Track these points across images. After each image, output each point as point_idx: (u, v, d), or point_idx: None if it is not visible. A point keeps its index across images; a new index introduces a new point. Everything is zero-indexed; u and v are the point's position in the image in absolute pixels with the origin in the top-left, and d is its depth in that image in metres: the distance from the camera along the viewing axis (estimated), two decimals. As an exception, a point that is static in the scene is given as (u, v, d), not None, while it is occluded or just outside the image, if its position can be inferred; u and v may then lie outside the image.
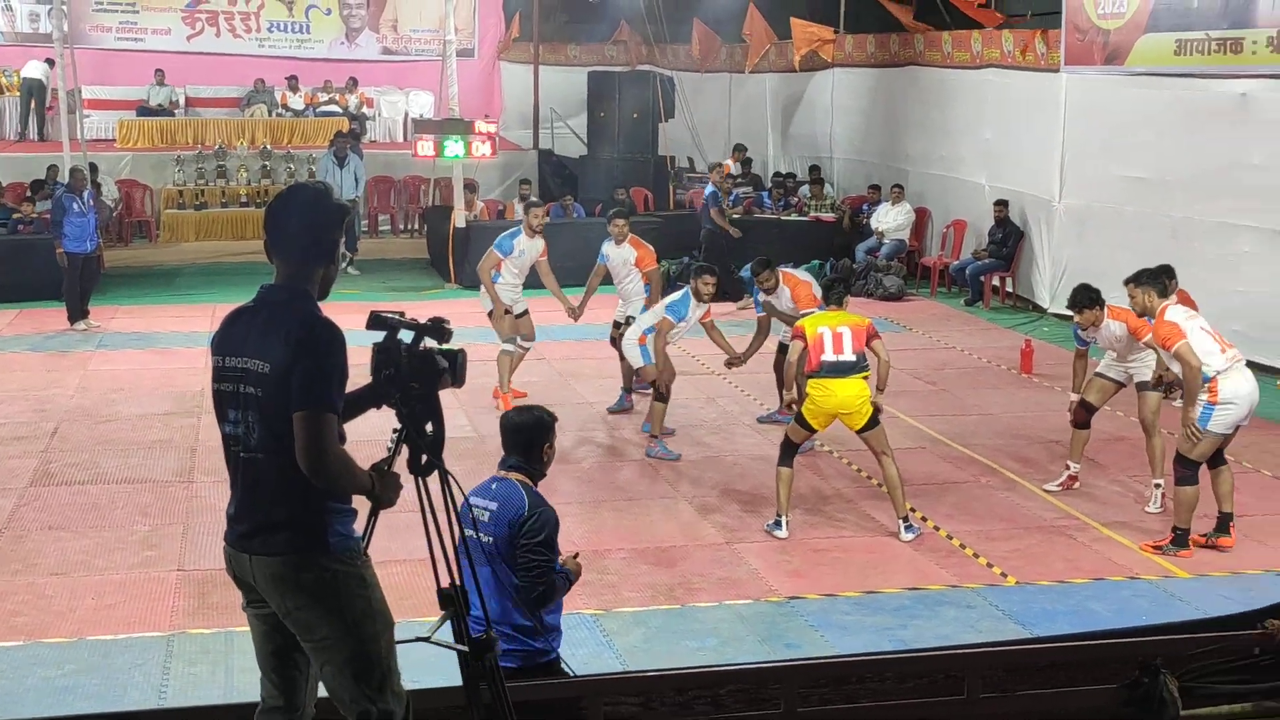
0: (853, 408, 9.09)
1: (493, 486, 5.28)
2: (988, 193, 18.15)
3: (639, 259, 12.23)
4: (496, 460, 5.42)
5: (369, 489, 4.27)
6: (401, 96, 25.94)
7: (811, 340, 9.15)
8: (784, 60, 23.66)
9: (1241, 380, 8.61)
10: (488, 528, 5.17)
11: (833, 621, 7.75)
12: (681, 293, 11.10)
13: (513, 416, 5.45)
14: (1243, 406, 8.57)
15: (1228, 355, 8.67)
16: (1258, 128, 13.41)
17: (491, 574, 5.11)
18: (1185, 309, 9.05)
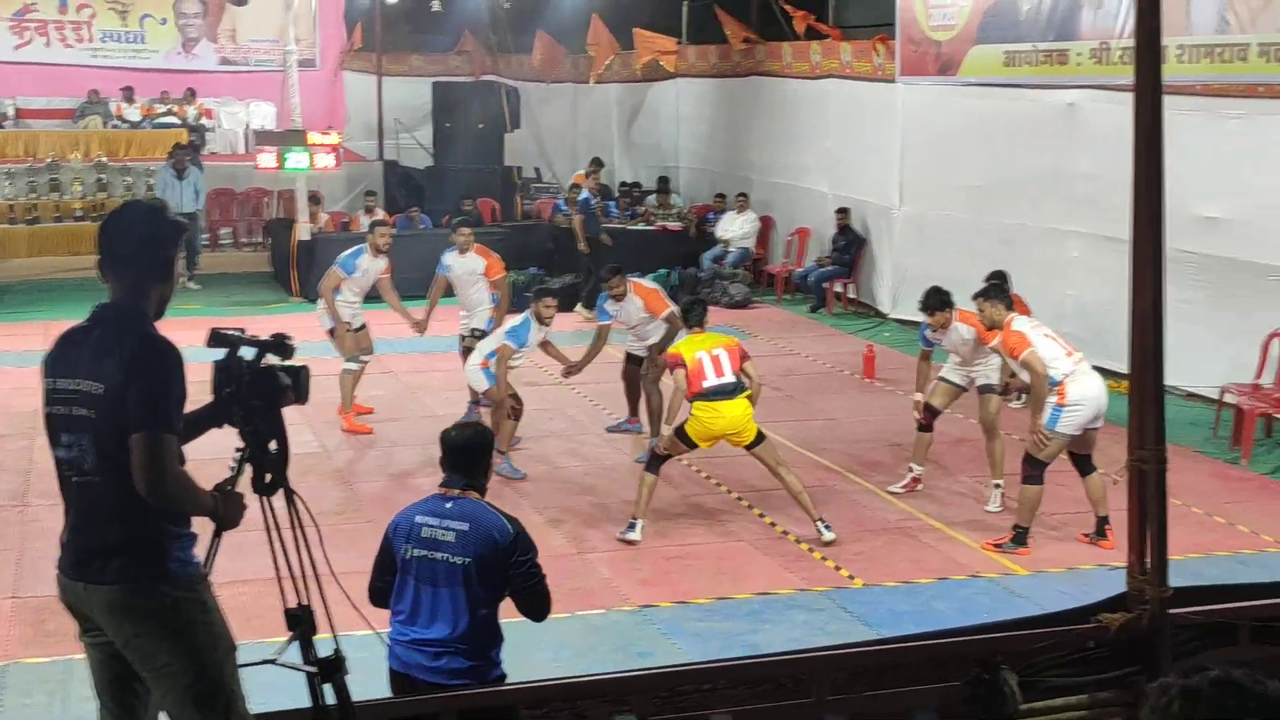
0: (740, 426, 9.22)
1: (448, 506, 5.19)
2: (830, 201, 18.46)
3: (488, 268, 12.16)
4: (342, 476, 5.34)
5: (212, 510, 4.19)
6: (242, 107, 25.46)
7: (692, 367, 9.21)
8: (628, 70, 23.80)
9: (1088, 383, 8.89)
10: (457, 549, 5.08)
11: (684, 629, 7.80)
12: (522, 317, 10.96)
13: (455, 435, 5.38)
14: (1089, 408, 8.85)
15: (1073, 359, 8.97)
16: (1084, 137, 13.86)
17: (456, 595, 5.07)
18: (1031, 321, 9.33)
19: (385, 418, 12.35)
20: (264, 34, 25.29)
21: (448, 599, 5.08)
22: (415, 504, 5.32)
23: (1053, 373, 8.87)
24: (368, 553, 8.86)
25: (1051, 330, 9.27)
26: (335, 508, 9.81)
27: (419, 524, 5.16)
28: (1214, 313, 12.38)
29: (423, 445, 11.47)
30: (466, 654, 5.09)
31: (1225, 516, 9.71)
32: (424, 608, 5.12)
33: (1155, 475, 4.47)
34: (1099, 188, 13.28)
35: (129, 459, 4.02)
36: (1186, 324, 11.89)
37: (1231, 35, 11.95)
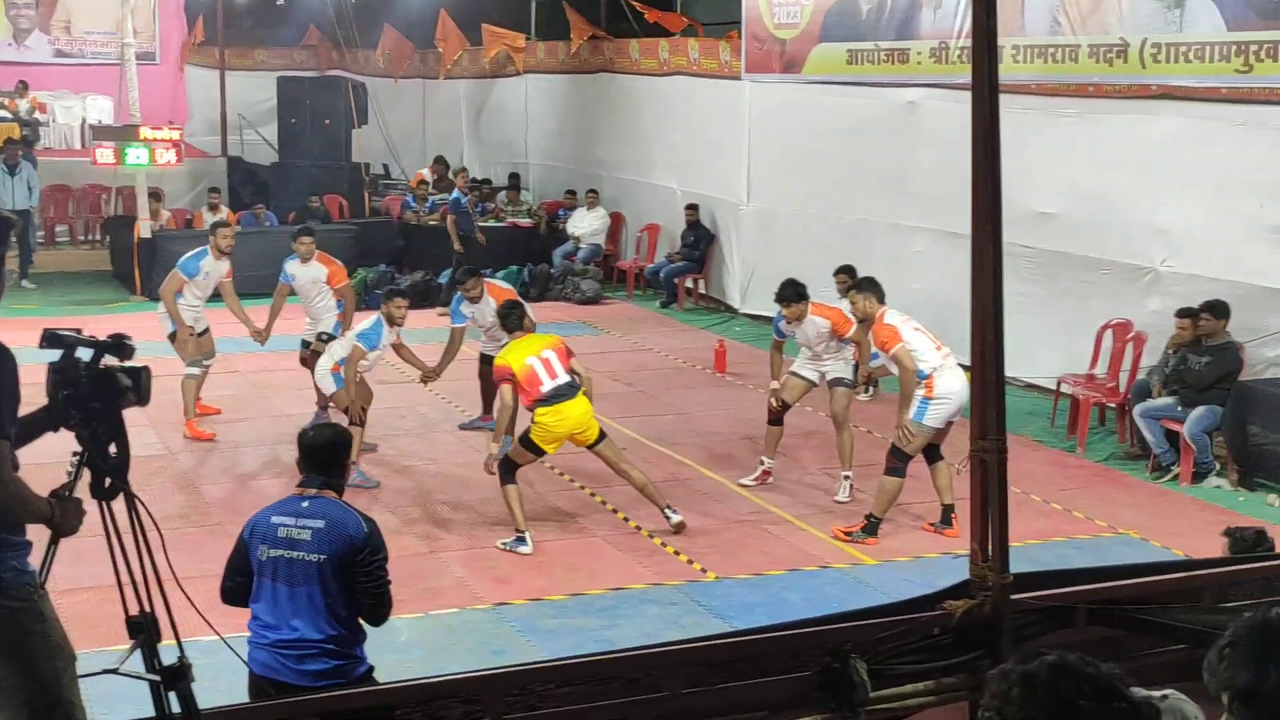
0: (585, 425, 9.13)
1: (304, 505, 5.16)
2: (679, 197, 18.58)
3: (330, 276, 11.92)
4: (186, 479, 5.24)
5: (49, 517, 4.06)
6: (78, 101, 24.73)
7: (523, 375, 9.01)
8: (477, 66, 23.67)
9: (954, 378, 9.07)
10: (313, 547, 5.05)
11: (539, 626, 7.80)
12: (373, 319, 10.70)
13: (312, 436, 5.36)
14: (954, 403, 9.04)
15: (941, 353, 9.15)
16: (924, 134, 14.16)
17: (314, 593, 5.03)
18: (901, 314, 9.50)
19: (232, 418, 12.11)
20: (100, 26, 24.61)
21: (305, 598, 5.06)
22: (272, 505, 5.29)
23: (921, 366, 9.05)
24: (213, 557, 8.69)
25: (922, 325, 9.46)
26: (180, 511, 9.59)
27: (275, 524, 5.14)
28: (1050, 305, 12.75)
29: (269, 446, 11.30)
30: (332, 654, 5.07)
31: (1061, 503, 10.01)
32: (284, 608, 5.08)
33: (996, 464, 4.57)
34: (940, 184, 13.58)
35: None
36: (1025, 316, 12.23)
37: (1064, 36, 12.31)
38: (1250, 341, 10.71)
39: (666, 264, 18.43)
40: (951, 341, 13.48)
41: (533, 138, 23.23)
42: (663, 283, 18.38)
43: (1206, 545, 7.92)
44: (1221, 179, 11.28)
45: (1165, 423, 10.65)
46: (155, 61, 24.77)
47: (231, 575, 5.29)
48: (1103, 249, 12.32)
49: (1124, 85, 12.01)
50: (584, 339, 15.75)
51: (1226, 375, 10.41)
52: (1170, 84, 11.53)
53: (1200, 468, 10.44)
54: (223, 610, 7.25)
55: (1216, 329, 10.55)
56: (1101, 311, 12.14)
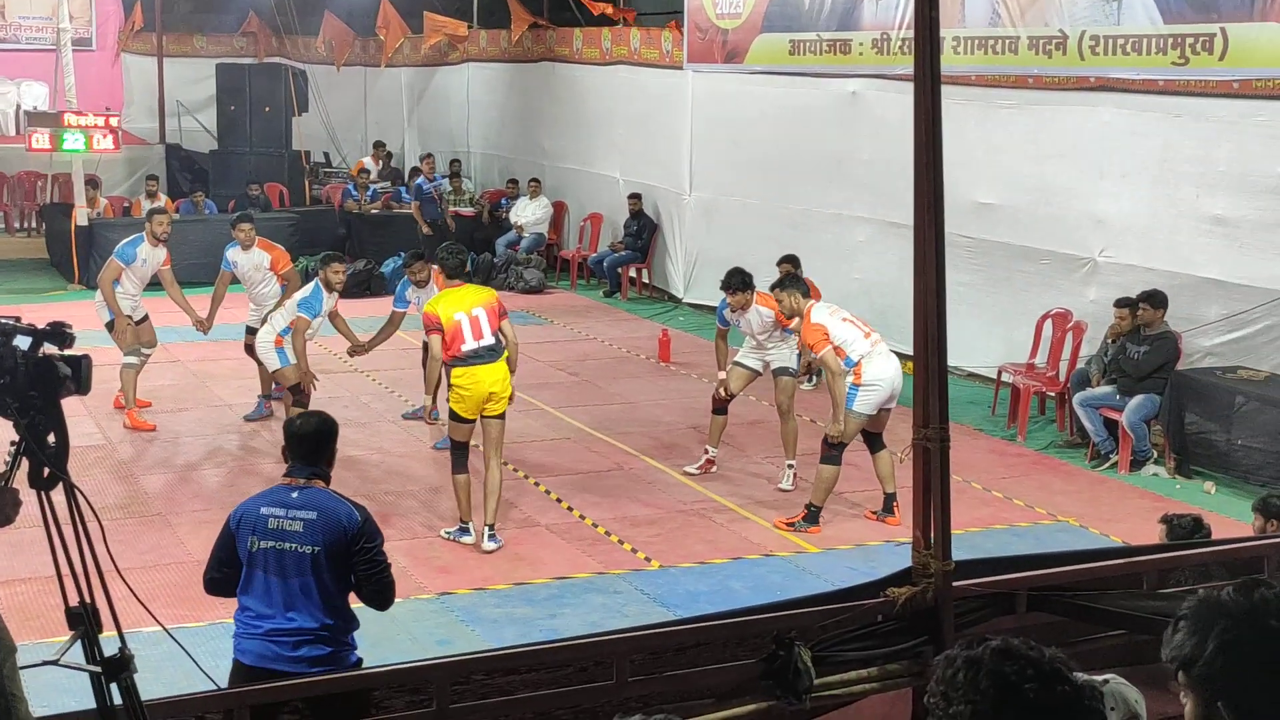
0: (498, 392, 8.81)
1: (293, 495, 5.11)
2: (622, 186, 18.58)
3: (273, 262, 11.84)
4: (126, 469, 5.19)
5: None
6: (12, 87, 24.37)
7: (449, 328, 8.72)
8: (418, 54, 23.54)
9: (884, 364, 9.14)
10: (305, 539, 5.01)
11: (483, 615, 7.79)
12: (312, 286, 10.54)
13: (299, 424, 5.30)
14: (885, 388, 9.11)
15: (870, 340, 9.20)
16: (866, 124, 14.23)
17: (307, 584, 4.99)
18: (828, 306, 9.55)
19: (173, 408, 12.00)
20: (36, 11, 24.25)
21: (299, 589, 5.02)
22: (259, 495, 5.23)
23: (850, 354, 9.10)
24: (154, 547, 8.66)
25: (850, 314, 9.51)
26: (119, 502, 9.50)
27: (265, 515, 5.07)
28: (990, 295, 12.87)
29: (210, 436, 11.21)
30: (326, 640, 5.05)
31: (1002, 491, 10.11)
32: (277, 599, 5.04)
33: (939, 453, 4.61)
34: (882, 174, 13.65)
35: None
36: (966, 306, 12.36)
37: (1003, 28, 12.40)
38: (1188, 331, 10.86)
39: (610, 253, 18.43)
40: (893, 330, 13.61)
41: (474, 126, 23.14)
42: (606, 272, 18.37)
43: (1144, 532, 8.03)
44: (1159, 170, 11.42)
45: (1104, 411, 10.78)
46: (92, 48, 24.44)
47: (218, 566, 5.21)
48: (1042, 239, 12.44)
49: (1063, 77, 12.12)
50: (528, 328, 15.73)
51: (1164, 364, 10.55)
52: (1108, 76, 11.65)
53: (1138, 455, 10.57)
54: (164, 600, 7.22)
55: (1154, 319, 10.68)
56: (1041, 301, 12.26)
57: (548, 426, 11.69)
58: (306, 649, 5.04)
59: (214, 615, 6.98)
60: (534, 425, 11.72)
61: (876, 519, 9.42)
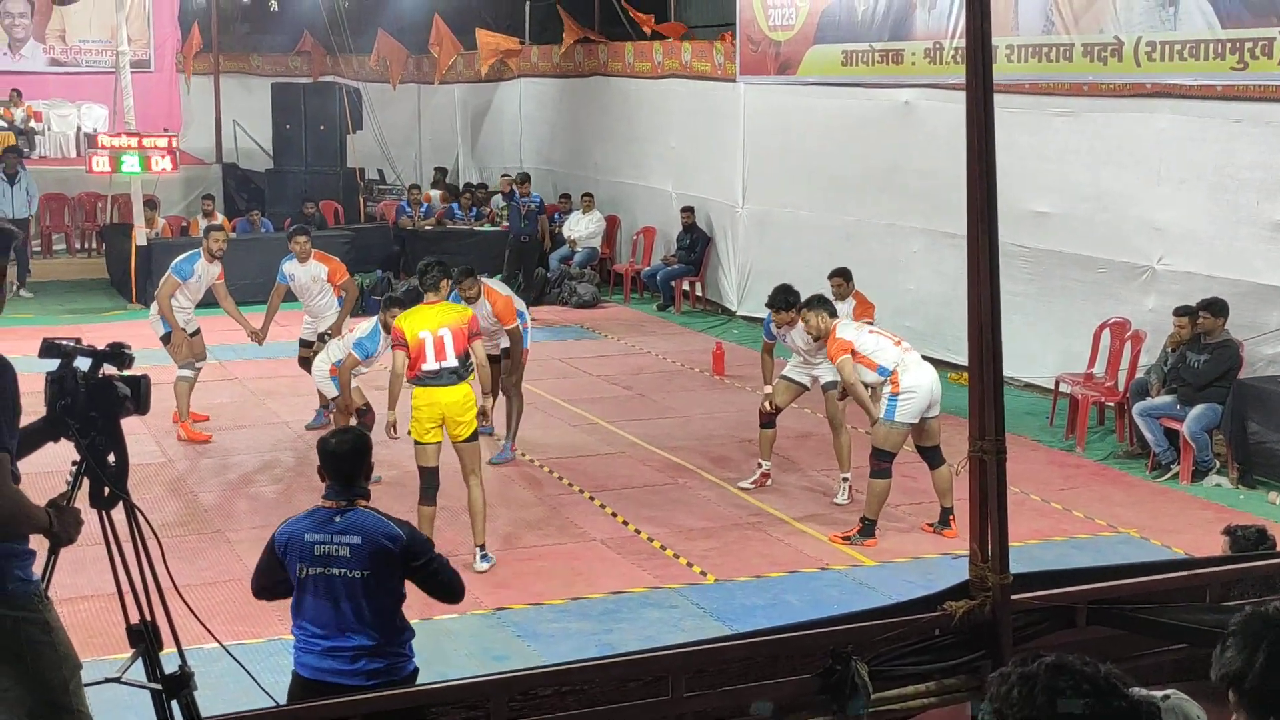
0: (457, 415, 8.63)
1: (336, 520, 5.08)
2: (675, 200, 18.58)
3: (330, 273, 11.99)
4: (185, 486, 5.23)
5: (47, 527, 4.05)
6: (73, 110, 24.70)
7: (414, 346, 8.61)
8: (472, 70, 23.68)
9: (920, 372, 9.12)
10: (353, 564, 5.00)
11: (539, 630, 7.79)
12: (370, 326, 10.44)
13: (333, 444, 5.23)
14: (923, 396, 9.07)
15: (901, 348, 9.18)
16: (919, 134, 14.17)
17: (359, 606, 5.00)
18: (856, 323, 9.52)
19: (230, 425, 12.10)
20: (95, 34, 24.59)
21: (351, 611, 5.02)
22: (300, 519, 5.20)
23: (883, 363, 9.10)
24: (214, 564, 8.73)
25: (878, 326, 9.53)
26: (179, 519, 9.59)
27: (310, 542, 5.06)
28: (1046, 305, 12.76)
29: (268, 452, 11.30)
30: (383, 654, 5.06)
31: (1061, 502, 10.01)
32: (330, 621, 5.05)
33: (995, 465, 4.57)
34: (935, 184, 13.58)
35: None
36: (1021, 316, 12.26)
37: (1057, 35, 12.32)
38: (1249, 339, 10.71)
39: (663, 267, 18.43)
40: (948, 342, 13.58)
41: (527, 141, 23.24)
42: (659, 286, 18.37)
43: (1207, 543, 7.92)
44: (1218, 176, 11.29)
45: (1164, 421, 10.65)
46: (150, 69, 24.74)
47: (265, 575, 5.25)
48: (1099, 248, 12.32)
49: (1119, 84, 12.01)
50: (581, 343, 15.77)
51: (1226, 373, 10.42)
52: (1165, 82, 11.54)
53: (1200, 466, 10.44)
54: (224, 617, 7.28)
55: (1215, 326, 10.55)
56: (1098, 310, 12.15)
57: (602, 440, 11.70)
58: (364, 662, 5.06)
59: (273, 631, 7.03)
60: (588, 439, 11.74)
61: (933, 531, 9.37)
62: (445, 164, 24.55)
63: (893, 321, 14.00)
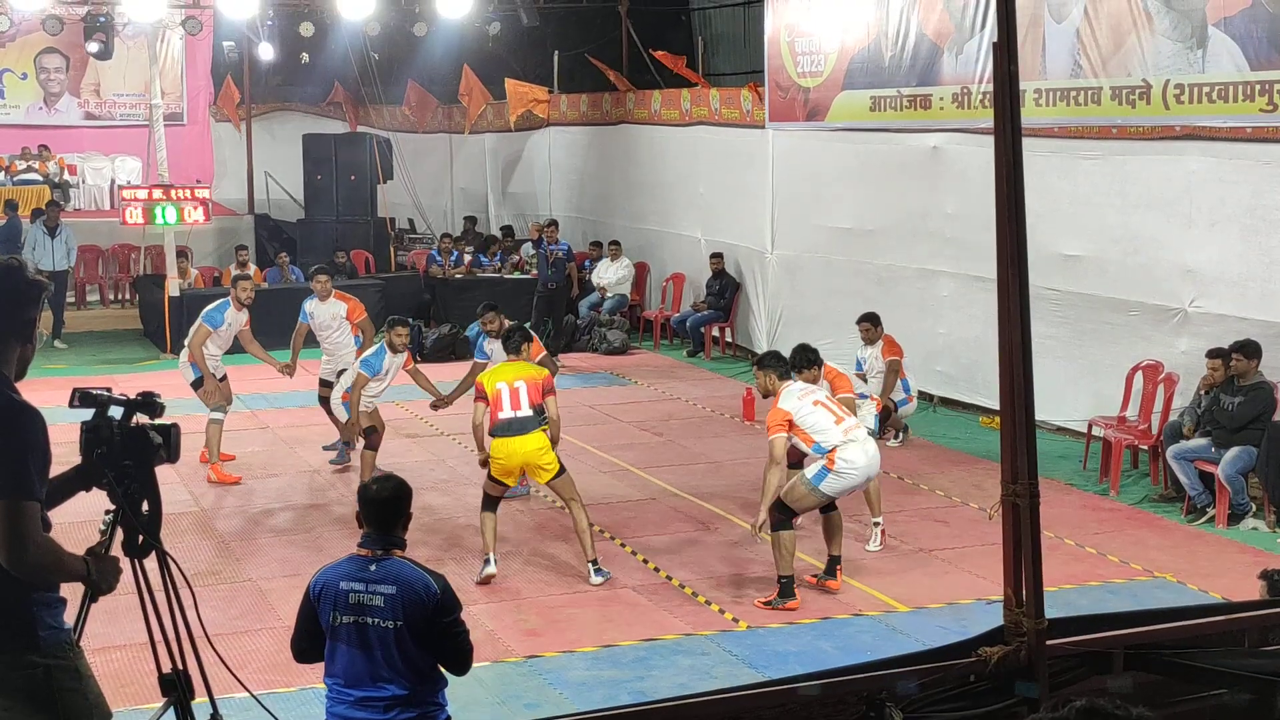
0: (537, 461, 9.28)
1: (371, 568, 5.06)
2: (704, 246, 18.63)
3: (349, 311, 12.47)
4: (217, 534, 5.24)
5: (85, 575, 4.07)
6: (107, 162, 25.02)
7: (491, 397, 9.32)
8: (501, 120, 23.85)
9: (859, 452, 8.82)
10: (387, 613, 4.97)
11: (570, 679, 7.76)
12: (376, 347, 11.32)
13: (374, 490, 5.22)
14: (857, 477, 8.86)
15: (842, 427, 8.85)
16: (949, 179, 14.17)
17: (392, 656, 4.98)
18: (804, 389, 9.12)
19: (263, 473, 12.15)
20: (129, 88, 24.93)
21: (383, 660, 4.99)
22: (335, 566, 5.17)
23: (821, 442, 8.76)
24: (246, 612, 8.74)
25: (826, 397, 9.15)
26: (210, 567, 9.61)
27: (344, 590, 5.04)
28: (1078, 348, 12.70)
29: (299, 500, 11.33)
30: (415, 703, 5.03)
31: (1096, 547, 9.93)
32: (363, 671, 5.02)
33: (1029, 509, 4.54)
34: (965, 228, 13.59)
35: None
36: (1053, 359, 12.21)
37: (1085, 79, 12.32)
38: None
39: (692, 313, 18.45)
40: (979, 386, 13.54)
41: (557, 190, 23.35)
42: (689, 332, 18.39)
43: (1244, 587, 7.85)
44: (1250, 218, 11.24)
45: (1199, 464, 10.57)
46: (183, 122, 25.05)
47: (305, 637, 5.19)
48: (1130, 290, 12.27)
49: (1148, 127, 11.99)
50: (612, 390, 15.78)
51: (1260, 415, 10.33)
52: (1195, 124, 11.51)
53: (1236, 509, 10.35)
54: (256, 666, 7.28)
55: (1248, 369, 10.47)
56: (1131, 353, 12.08)
57: (633, 487, 11.68)
58: (397, 712, 5.02)
59: (304, 680, 7.02)
60: (619, 486, 11.72)
61: (817, 583, 9.10)
62: (476, 213, 24.70)
63: (924, 366, 14.02)
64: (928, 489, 11.43)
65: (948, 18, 14.01)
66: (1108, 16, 12.06)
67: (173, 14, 20.03)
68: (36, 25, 21.38)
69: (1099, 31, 12.15)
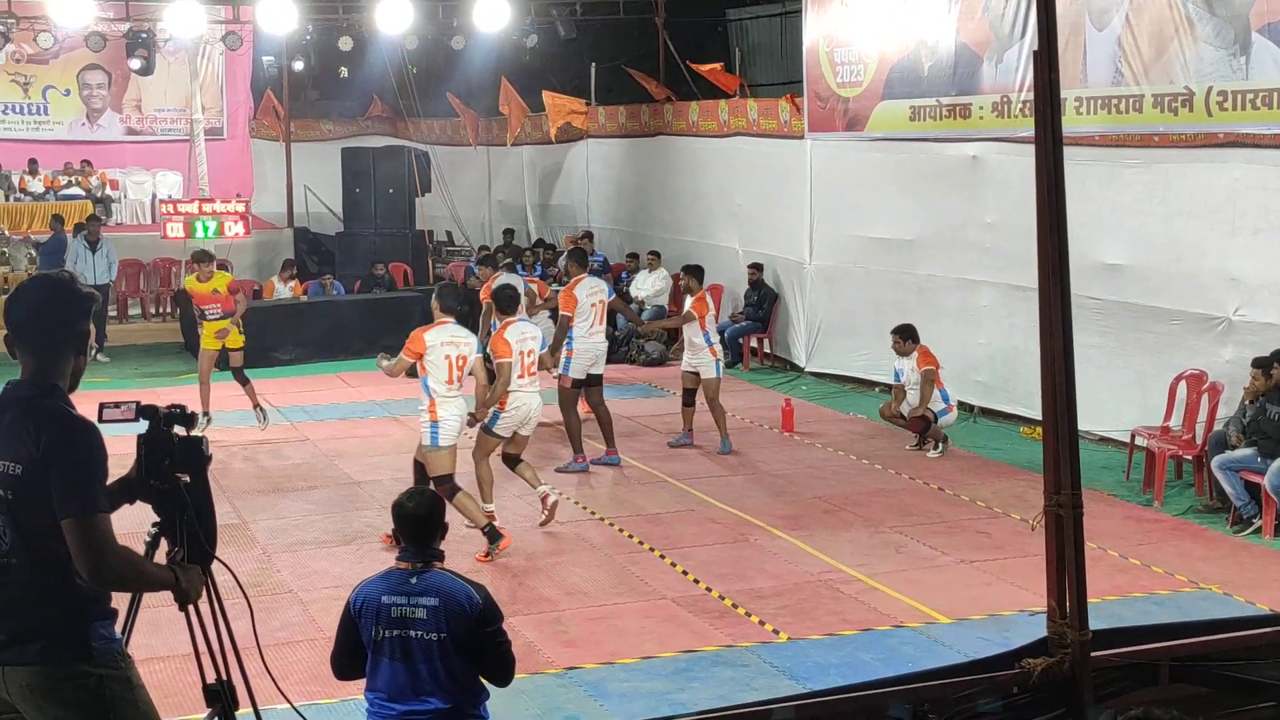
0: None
1: (413, 581, 5.07)
2: (741, 257, 18.61)
3: None
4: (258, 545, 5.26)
5: (174, 584, 4.12)
6: (148, 177, 25.23)
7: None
8: (539, 132, 23.92)
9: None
10: (430, 626, 4.99)
11: (610, 690, 7.75)
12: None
13: (410, 507, 5.24)
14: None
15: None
16: (988, 188, 14.11)
17: (435, 669, 4.99)
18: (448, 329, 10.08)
19: (304, 485, 12.20)
20: (170, 103, 25.15)
21: (427, 674, 5.00)
22: (375, 580, 5.17)
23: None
24: (287, 624, 8.78)
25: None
26: (251, 579, 9.63)
27: (387, 604, 5.05)
28: (1121, 357, 12.61)
29: (339, 513, 11.36)
30: (459, 716, 5.05)
31: (1140, 558, 9.84)
32: (405, 685, 5.03)
33: (1072, 520, 4.51)
34: (1005, 237, 13.52)
35: (48, 541, 3.93)
36: (1095, 369, 12.12)
37: (1126, 87, 12.25)
38: (1328, 390, 10.52)
39: (730, 324, 18.42)
40: (1020, 396, 13.46)
41: (594, 201, 23.39)
42: (727, 342, 18.33)
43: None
44: (1293, 226, 11.14)
45: (1245, 474, 10.46)
46: (223, 136, 25.25)
47: (346, 654, 5.20)
48: (1174, 299, 12.18)
49: (1190, 134, 11.91)
50: (650, 401, 15.77)
51: (1306, 424, 10.23)
52: (1238, 131, 11.42)
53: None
54: (297, 678, 7.31)
55: (1293, 378, 10.37)
56: (1174, 362, 11.98)
57: (672, 498, 11.67)
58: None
59: (345, 692, 7.03)
60: (658, 497, 11.71)
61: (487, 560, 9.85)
62: (514, 225, 24.77)
63: (965, 376, 13.96)
64: (968, 499, 11.37)
65: (987, 26, 13.96)
66: (1149, 23, 11.99)
67: (213, 30, 20.21)
68: (79, 42, 21.61)
69: (1140, 38, 12.08)
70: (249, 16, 20.71)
